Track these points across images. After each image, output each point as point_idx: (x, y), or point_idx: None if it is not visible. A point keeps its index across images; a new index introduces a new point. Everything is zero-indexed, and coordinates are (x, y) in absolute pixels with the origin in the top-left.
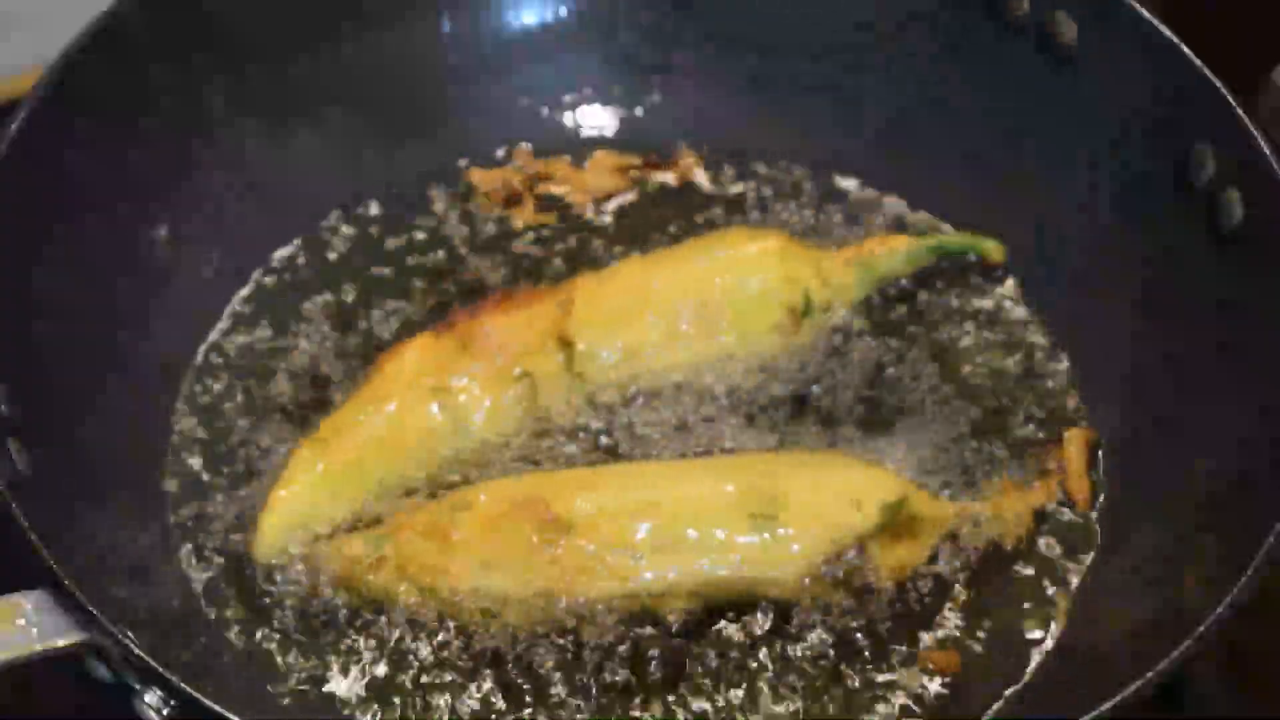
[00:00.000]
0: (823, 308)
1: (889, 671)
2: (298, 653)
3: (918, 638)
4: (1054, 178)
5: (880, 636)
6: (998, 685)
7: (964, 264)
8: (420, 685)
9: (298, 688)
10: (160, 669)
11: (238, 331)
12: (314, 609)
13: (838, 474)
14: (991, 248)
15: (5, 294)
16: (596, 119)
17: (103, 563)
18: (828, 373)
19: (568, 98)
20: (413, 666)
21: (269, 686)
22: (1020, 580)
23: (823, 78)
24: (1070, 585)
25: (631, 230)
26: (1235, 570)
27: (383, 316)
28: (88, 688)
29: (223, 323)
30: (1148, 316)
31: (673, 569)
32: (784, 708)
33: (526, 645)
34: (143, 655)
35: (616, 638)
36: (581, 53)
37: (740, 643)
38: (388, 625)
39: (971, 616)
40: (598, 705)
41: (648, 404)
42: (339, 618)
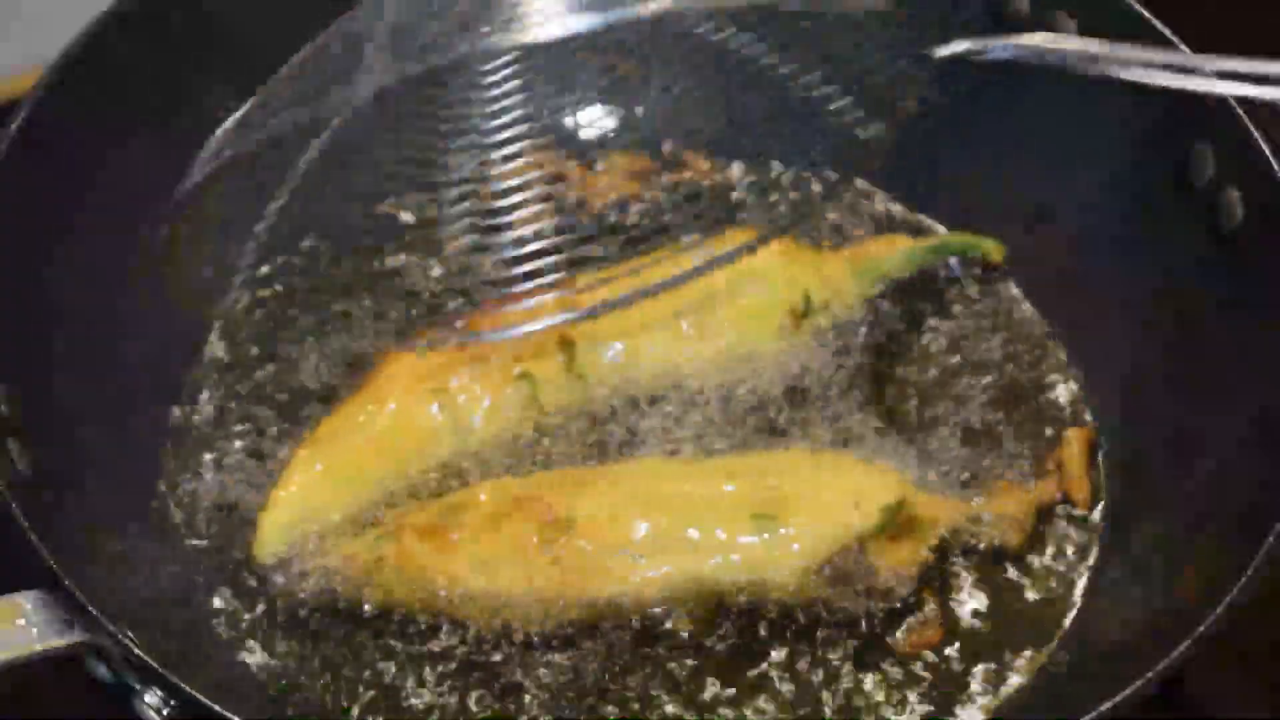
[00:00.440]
0: (823, 308)
1: (889, 671)
2: (298, 653)
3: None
4: (1054, 178)
5: (880, 636)
6: (998, 685)
7: (964, 264)
8: (421, 685)
9: (298, 688)
10: (160, 669)
11: (238, 332)
12: (314, 609)
13: (838, 474)
14: (991, 248)
15: (5, 294)
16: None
17: (103, 563)
18: (828, 373)
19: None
20: (413, 667)
21: (269, 687)
22: (1020, 580)
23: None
24: (1070, 585)
25: (637, 231)
26: (1235, 570)
27: (383, 318)
28: (88, 688)
29: (223, 323)
30: (1148, 316)
31: (673, 569)
32: (784, 707)
33: (526, 645)
34: (143, 655)
35: (616, 637)
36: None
37: (740, 642)
38: (388, 625)
39: (972, 616)
40: (598, 705)
41: (648, 404)
42: (339, 618)
